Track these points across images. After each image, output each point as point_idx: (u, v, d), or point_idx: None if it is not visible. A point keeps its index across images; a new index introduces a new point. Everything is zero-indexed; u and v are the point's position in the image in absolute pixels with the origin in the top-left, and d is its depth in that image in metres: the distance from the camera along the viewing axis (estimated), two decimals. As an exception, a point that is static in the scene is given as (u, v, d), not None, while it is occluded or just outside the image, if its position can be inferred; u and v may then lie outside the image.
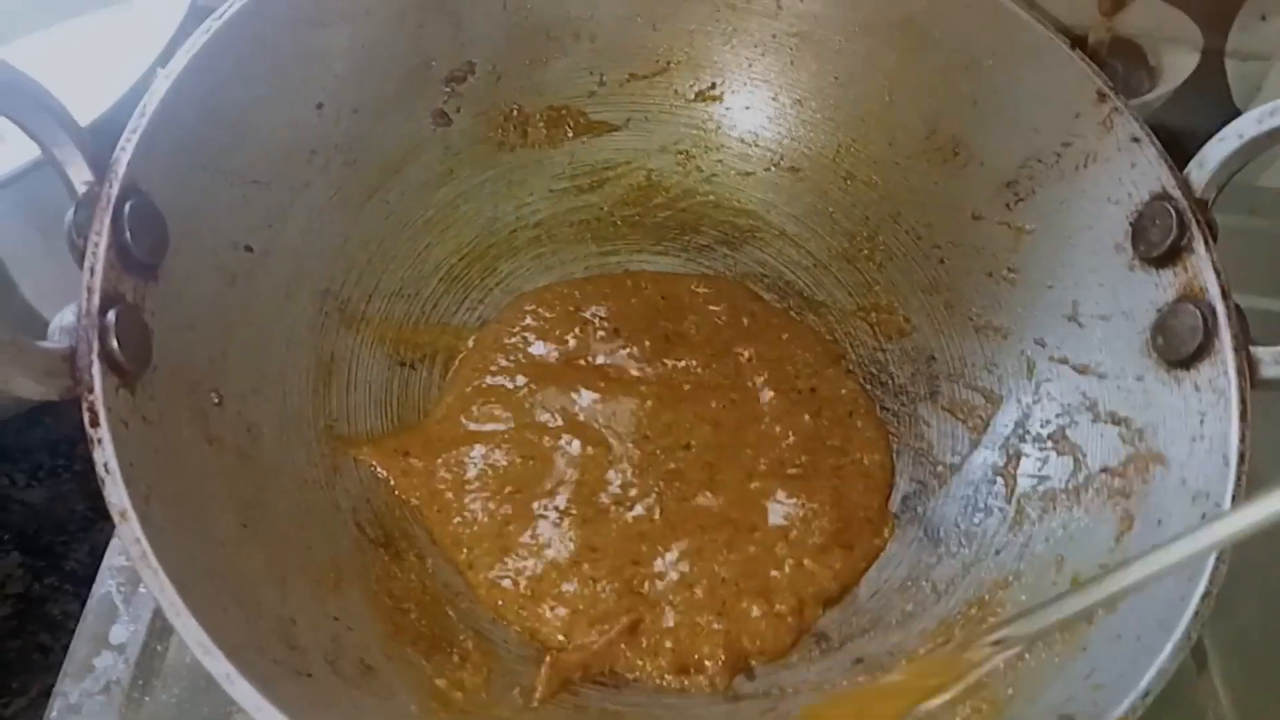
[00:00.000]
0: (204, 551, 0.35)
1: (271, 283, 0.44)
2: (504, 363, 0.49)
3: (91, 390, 0.34)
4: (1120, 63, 0.69)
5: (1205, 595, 0.36)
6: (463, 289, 0.52)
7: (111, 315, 0.35)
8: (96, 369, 0.34)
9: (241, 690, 0.31)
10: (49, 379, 0.34)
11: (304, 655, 0.35)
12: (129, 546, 0.32)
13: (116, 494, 0.32)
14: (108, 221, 0.36)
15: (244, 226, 0.43)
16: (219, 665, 0.31)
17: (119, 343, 0.35)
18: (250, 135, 0.43)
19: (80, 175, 0.37)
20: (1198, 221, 0.42)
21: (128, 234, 0.36)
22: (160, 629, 0.47)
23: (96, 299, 0.35)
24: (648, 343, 0.50)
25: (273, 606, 0.36)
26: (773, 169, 0.54)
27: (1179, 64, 0.67)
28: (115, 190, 0.36)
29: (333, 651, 0.37)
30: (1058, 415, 0.46)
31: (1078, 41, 0.64)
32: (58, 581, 0.60)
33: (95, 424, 0.33)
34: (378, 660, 0.38)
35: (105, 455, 0.33)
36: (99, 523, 0.59)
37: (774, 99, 0.54)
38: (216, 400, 0.40)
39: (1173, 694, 0.40)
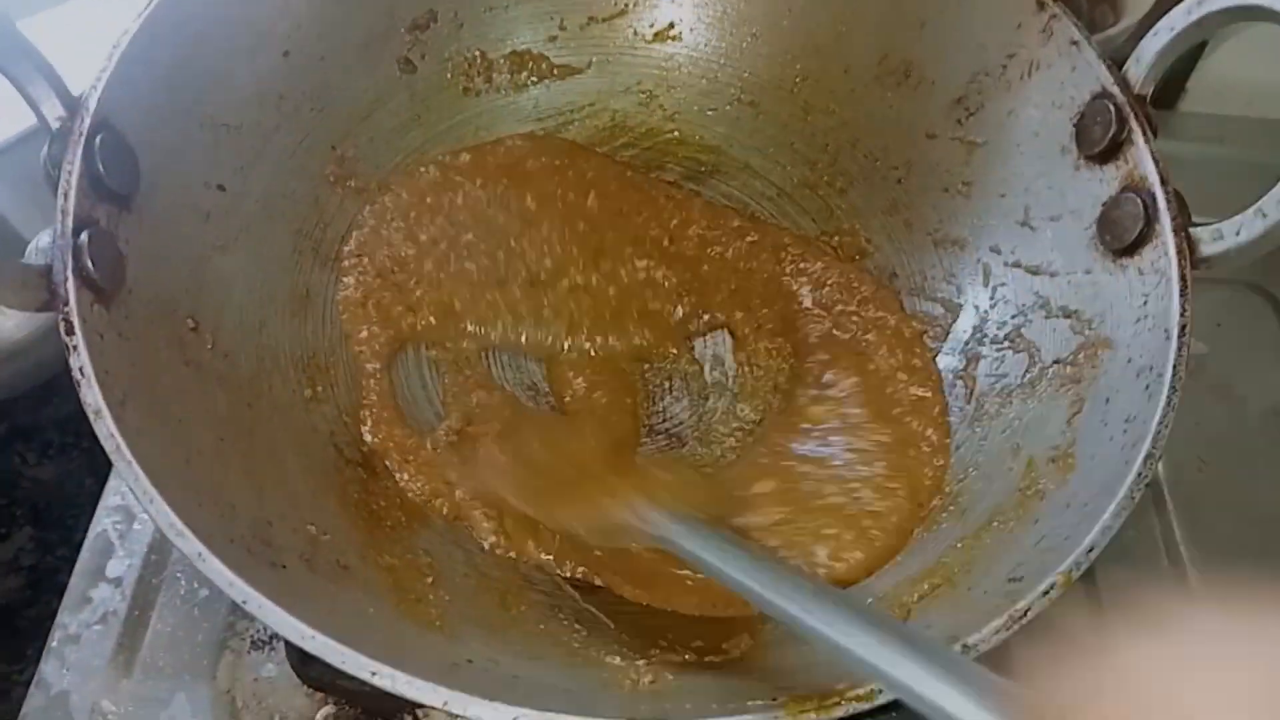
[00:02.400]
0: (180, 455, 0.37)
1: (245, 221, 0.46)
2: None
3: (66, 303, 0.35)
4: (1082, -1, 0.70)
5: (1148, 457, 0.37)
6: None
7: (85, 237, 0.37)
8: (70, 284, 0.36)
9: (213, 568, 0.32)
10: (26, 291, 0.35)
11: (279, 551, 0.37)
12: (104, 442, 0.34)
13: (91, 395, 0.34)
14: (79, 151, 0.38)
15: (216, 167, 0.45)
16: (190, 545, 0.32)
17: (93, 263, 0.37)
18: (219, 80, 0.45)
19: (54, 111, 0.39)
20: (1136, 115, 0.43)
21: (100, 165, 0.38)
22: (155, 563, 0.49)
23: (70, 220, 0.37)
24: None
25: (249, 508, 0.38)
26: (733, 104, 0.56)
27: (1139, -3, 0.68)
28: (87, 124, 0.38)
29: (309, 551, 0.38)
30: (1013, 316, 0.47)
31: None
32: (69, 554, 0.62)
33: (70, 332, 0.35)
34: (354, 562, 0.40)
35: (80, 360, 0.35)
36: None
37: (730, 34, 0.55)
38: (193, 326, 0.41)
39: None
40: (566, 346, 0.50)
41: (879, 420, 0.48)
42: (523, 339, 0.50)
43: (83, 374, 0.34)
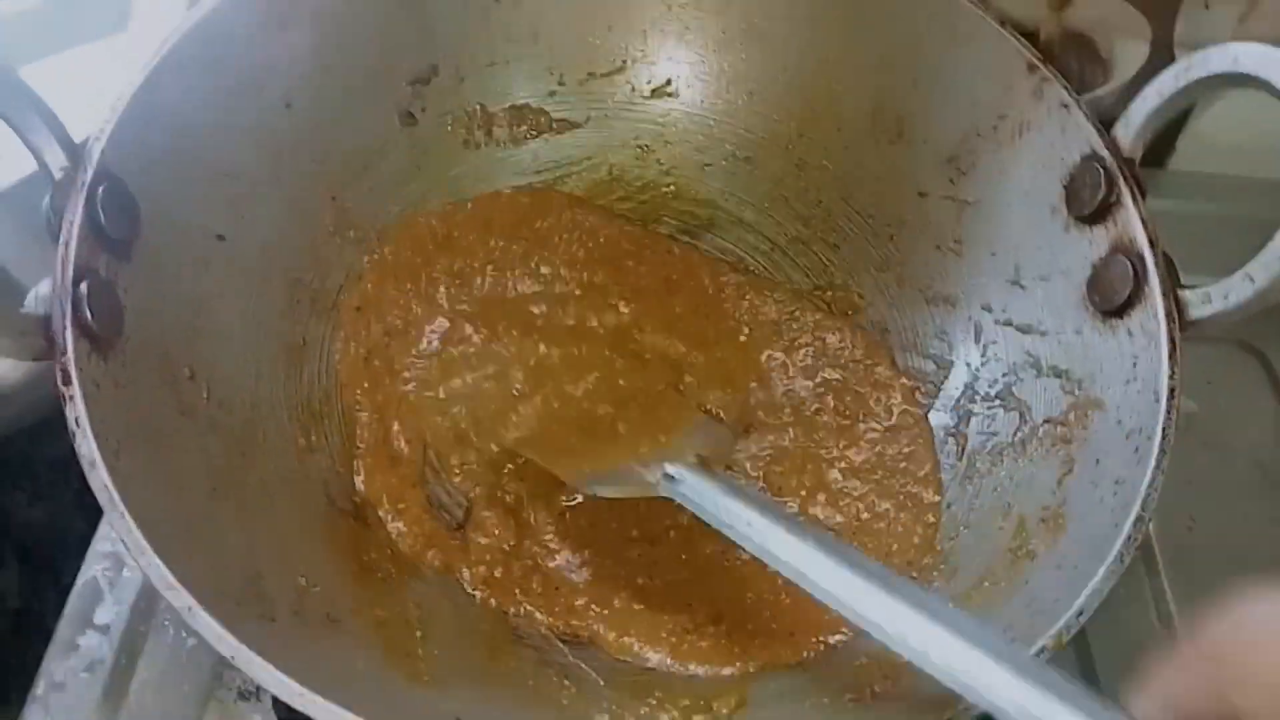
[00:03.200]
0: (172, 506, 0.37)
1: (243, 270, 0.46)
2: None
3: (64, 352, 0.36)
4: (1074, 58, 0.71)
5: (1138, 520, 0.37)
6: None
7: (84, 287, 0.37)
8: (69, 333, 0.36)
9: (202, 621, 0.32)
10: (24, 339, 0.36)
11: (269, 603, 0.37)
12: (98, 493, 0.34)
13: (86, 445, 0.34)
14: (81, 201, 0.38)
15: (216, 216, 0.45)
16: (180, 598, 0.32)
17: (91, 312, 0.37)
18: (222, 130, 0.45)
19: (56, 161, 0.40)
20: (1125, 177, 0.44)
21: (101, 215, 0.38)
22: (143, 610, 0.49)
23: (70, 270, 0.37)
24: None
25: (240, 560, 0.38)
26: (729, 159, 0.56)
27: (1130, 56, 0.69)
28: (89, 175, 0.39)
29: (298, 603, 0.38)
30: (1004, 374, 0.48)
31: (1030, 36, 0.68)
32: (56, 597, 0.61)
33: (67, 382, 0.35)
34: (344, 616, 0.40)
35: (76, 410, 0.35)
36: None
37: (727, 91, 0.56)
38: (189, 375, 0.42)
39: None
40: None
41: (872, 477, 0.48)
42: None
43: (78, 424, 0.34)
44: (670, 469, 0.43)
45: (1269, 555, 0.56)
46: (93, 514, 0.53)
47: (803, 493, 0.48)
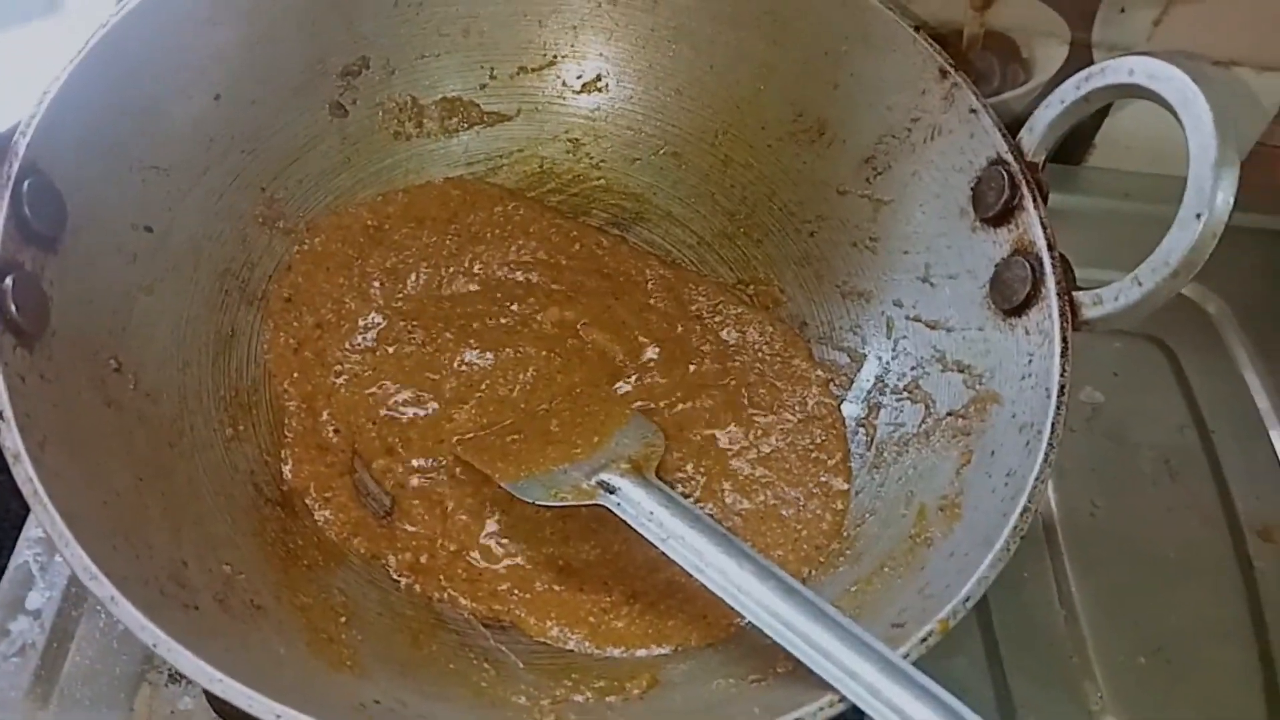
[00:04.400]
0: (97, 497, 0.37)
1: (171, 262, 0.47)
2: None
3: (-12, 347, 0.36)
4: (996, 56, 0.73)
5: (1024, 511, 0.39)
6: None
7: (9, 280, 0.37)
8: (-7, 328, 0.37)
9: (124, 611, 0.33)
10: (-53, 335, 0.36)
11: (193, 591, 0.38)
12: (21, 486, 0.34)
13: (10, 438, 0.35)
14: (7, 195, 0.39)
15: (144, 209, 0.45)
16: (103, 589, 0.33)
17: (16, 307, 0.37)
18: (150, 124, 0.46)
19: (-19, 156, 0.40)
20: (1028, 182, 0.46)
21: (26, 209, 0.39)
22: (75, 595, 0.49)
23: (-6, 265, 0.38)
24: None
25: (165, 550, 0.38)
26: (657, 154, 0.58)
27: (1050, 56, 0.72)
28: (14, 169, 0.39)
29: (222, 591, 0.39)
30: (912, 368, 0.50)
31: (954, 36, 0.69)
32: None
33: (-9, 377, 0.36)
34: (268, 602, 0.41)
35: (1, 404, 0.35)
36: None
37: (655, 88, 0.57)
38: (115, 367, 0.42)
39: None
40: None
41: (784, 465, 0.50)
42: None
43: (3, 418, 0.35)
44: (606, 476, 0.45)
45: (1167, 542, 0.59)
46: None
47: (713, 480, 0.50)
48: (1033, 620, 0.55)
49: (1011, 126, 0.47)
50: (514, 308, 0.53)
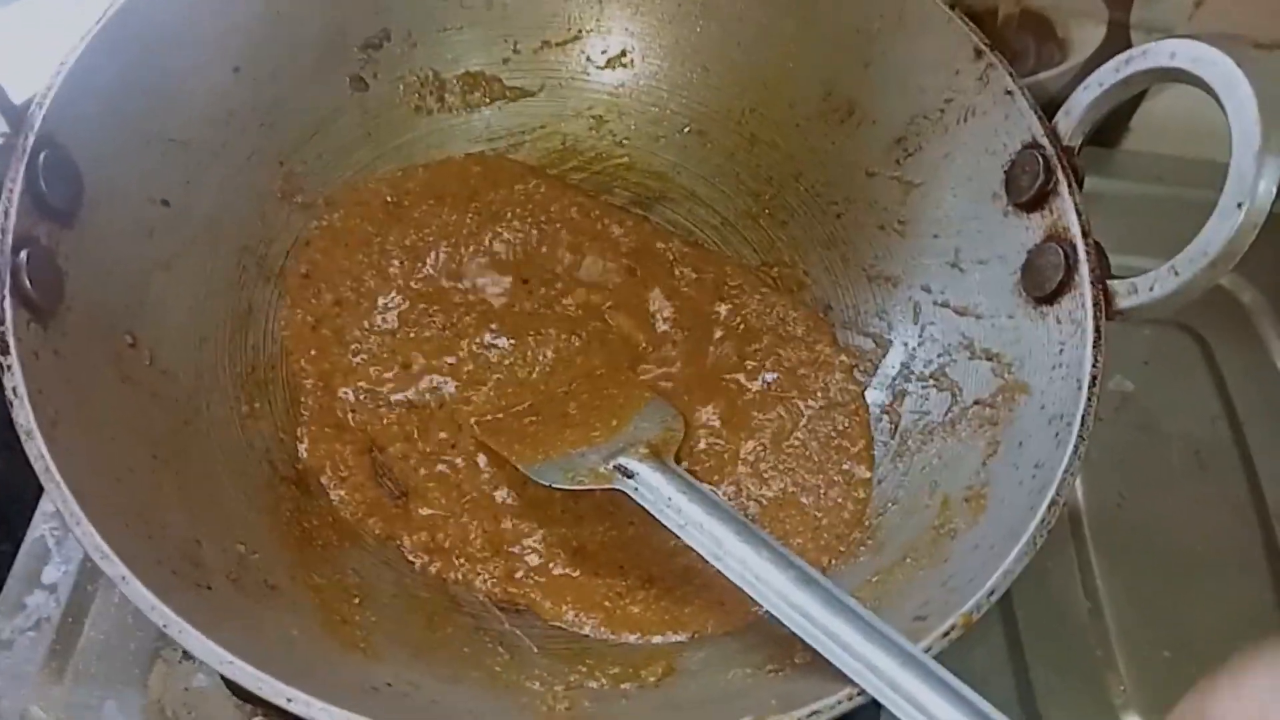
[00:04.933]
0: (111, 474, 0.37)
1: (189, 237, 0.46)
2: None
3: (1, 321, 0.36)
4: (1031, 36, 0.72)
5: (1052, 504, 0.38)
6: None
7: (24, 255, 0.37)
8: (7, 302, 0.36)
9: (135, 591, 0.33)
10: (-40, 310, 0.36)
11: (206, 571, 0.37)
12: (34, 463, 0.34)
13: (23, 415, 0.35)
14: (22, 168, 0.38)
15: (162, 182, 0.45)
16: (114, 568, 0.33)
17: (30, 281, 0.37)
18: (168, 96, 0.45)
19: (-3, 127, 0.40)
20: (1063, 167, 0.45)
21: (42, 182, 0.39)
22: (91, 570, 0.49)
23: (9, 239, 0.37)
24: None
25: (179, 528, 0.38)
26: (681, 133, 0.57)
27: (1086, 37, 0.70)
28: (30, 141, 0.39)
29: (236, 570, 0.39)
30: (939, 355, 0.49)
31: (988, 15, 0.68)
32: (11, 550, 0.62)
33: (5, 351, 0.35)
34: (282, 581, 0.40)
35: (14, 380, 0.35)
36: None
37: (681, 65, 0.56)
38: (131, 343, 0.42)
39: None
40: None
41: (805, 452, 0.49)
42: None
43: (15, 394, 0.35)
44: (624, 461, 0.44)
45: (1196, 535, 0.57)
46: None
47: (735, 465, 0.49)
48: (1056, 612, 0.54)
49: (1046, 108, 0.46)
50: (538, 290, 0.52)
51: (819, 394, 0.51)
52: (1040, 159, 0.45)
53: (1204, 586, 0.56)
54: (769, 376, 0.51)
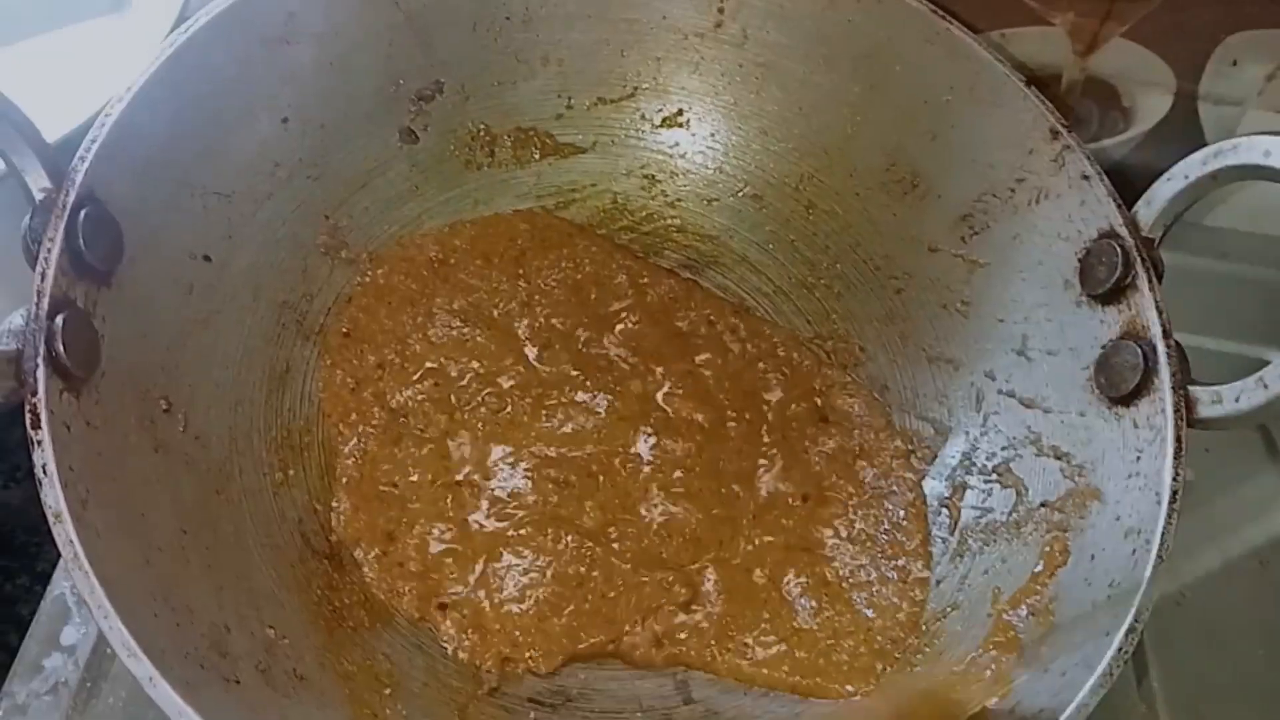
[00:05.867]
0: (140, 556, 0.35)
1: (229, 293, 0.45)
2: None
3: (35, 393, 0.34)
4: (1095, 103, 0.70)
5: (1129, 631, 0.36)
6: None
7: (59, 320, 0.35)
8: (41, 372, 0.34)
9: (162, 694, 0.31)
10: (-6, 380, 0.34)
11: (234, 662, 0.36)
12: (62, 549, 0.33)
13: (53, 496, 0.33)
14: (61, 228, 0.37)
15: (203, 237, 0.44)
16: (142, 668, 0.31)
17: (65, 347, 0.35)
18: (213, 148, 0.44)
19: (38, 182, 0.38)
20: (1143, 260, 0.43)
21: (81, 240, 0.37)
22: (110, 632, 0.48)
23: (45, 303, 0.35)
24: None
25: (207, 613, 0.36)
26: (736, 196, 0.55)
27: (1153, 106, 0.68)
28: (71, 198, 0.37)
29: (265, 660, 0.37)
30: (1003, 448, 0.47)
31: (1052, 81, 0.66)
32: (29, 582, 0.60)
33: (36, 426, 0.34)
34: (311, 671, 0.39)
35: (44, 458, 0.33)
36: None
37: (739, 127, 0.54)
38: (165, 408, 0.40)
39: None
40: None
41: (858, 543, 0.47)
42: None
43: (45, 473, 0.33)
44: None
45: (1257, 636, 0.55)
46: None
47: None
48: (1110, 713, 0.52)
49: (1109, 175, 0.45)
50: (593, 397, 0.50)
51: (873, 479, 0.49)
52: (1119, 249, 0.43)
53: (1264, 691, 0.54)
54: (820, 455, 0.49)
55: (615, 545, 0.46)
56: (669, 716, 0.42)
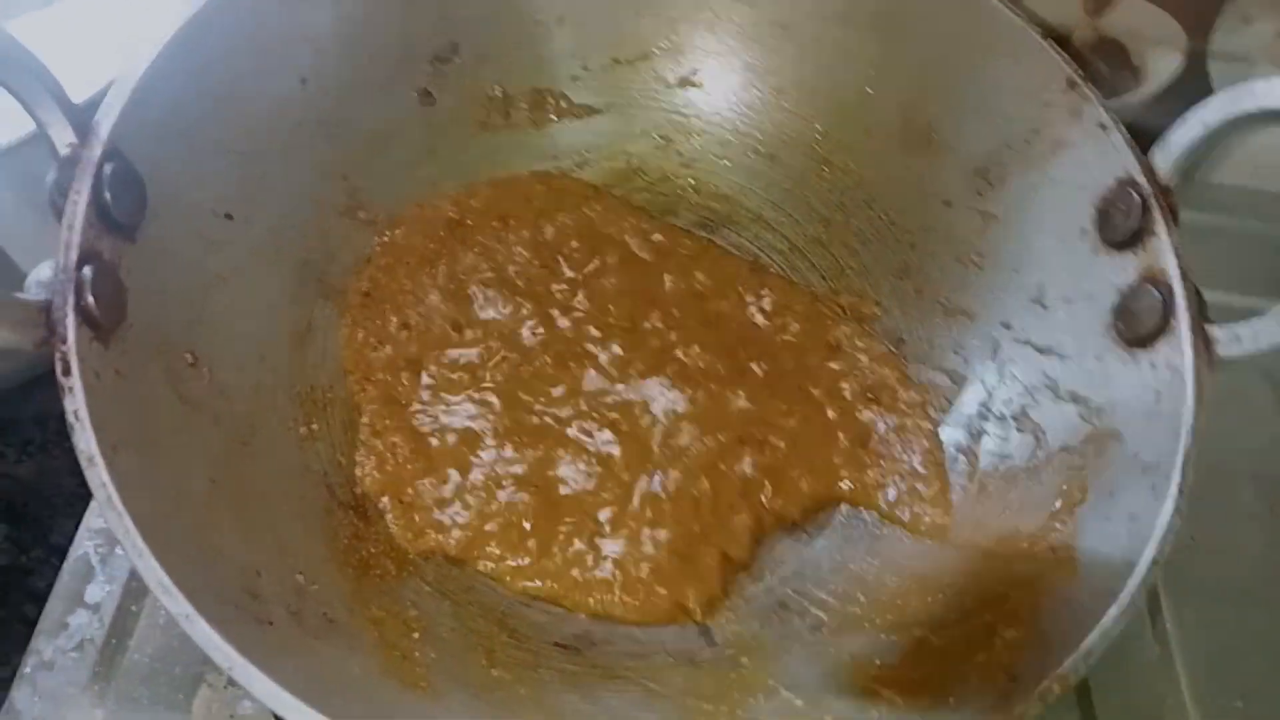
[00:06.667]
0: (171, 501, 0.36)
1: (251, 250, 0.45)
2: None
3: (65, 341, 0.34)
4: (1105, 62, 0.70)
5: (1153, 563, 0.36)
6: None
7: (88, 271, 0.36)
8: (70, 321, 0.35)
9: (199, 630, 0.31)
10: (25, 329, 0.35)
11: (266, 604, 0.36)
12: (96, 491, 0.33)
13: (85, 440, 0.33)
14: (88, 181, 0.37)
15: (225, 195, 0.44)
16: (178, 605, 0.32)
17: (94, 298, 0.36)
18: (234, 107, 0.44)
19: (64, 137, 0.38)
20: (1160, 206, 0.43)
21: (107, 195, 0.37)
22: (135, 589, 0.48)
23: (74, 254, 0.36)
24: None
25: (238, 557, 0.37)
26: (751, 155, 0.55)
27: (1163, 65, 0.68)
28: (97, 152, 0.37)
29: (296, 603, 0.37)
30: (1020, 395, 0.47)
31: (1062, 40, 0.66)
32: (43, 554, 0.61)
33: (67, 373, 0.34)
34: (341, 615, 0.39)
35: (75, 403, 0.34)
36: (86, 497, 0.60)
37: (754, 86, 0.55)
38: (191, 361, 0.41)
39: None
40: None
41: (875, 491, 0.47)
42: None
43: (77, 418, 0.33)
44: None
45: (1269, 579, 0.55)
46: (81, 471, 0.52)
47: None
48: (1125, 656, 0.52)
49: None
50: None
51: (885, 431, 0.49)
52: (1137, 197, 0.43)
53: (1274, 635, 0.54)
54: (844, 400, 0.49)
55: (637, 497, 0.46)
56: (693, 659, 0.43)
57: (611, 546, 0.44)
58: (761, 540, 0.47)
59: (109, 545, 0.49)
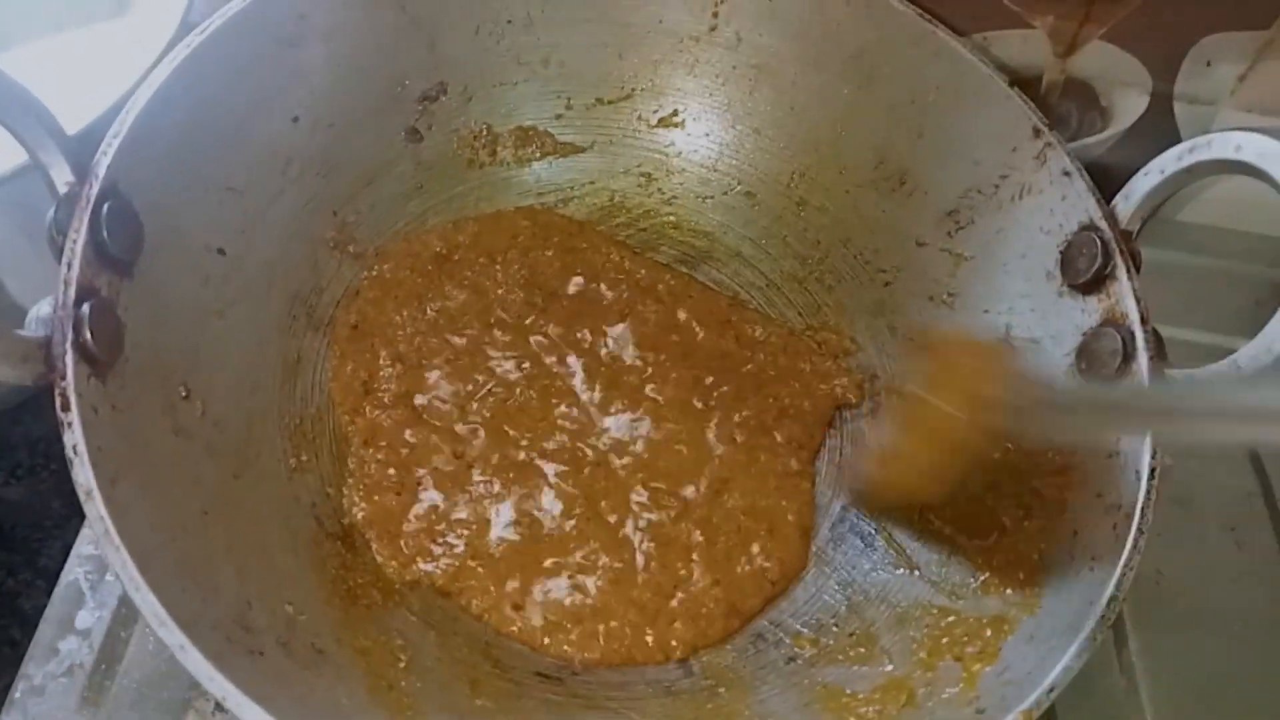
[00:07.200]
0: (166, 534, 0.37)
1: (243, 285, 0.46)
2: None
3: (64, 377, 0.35)
4: (1074, 104, 0.72)
5: (1111, 600, 0.38)
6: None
7: (86, 308, 0.37)
8: (69, 357, 0.36)
9: (194, 660, 0.32)
10: (24, 365, 0.35)
11: (257, 636, 0.37)
12: (93, 524, 0.34)
13: (84, 474, 0.34)
14: (86, 219, 0.38)
15: (218, 231, 0.45)
16: (173, 636, 0.33)
17: (92, 334, 0.37)
18: (228, 145, 0.45)
19: (62, 176, 0.39)
20: (1121, 251, 0.45)
21: (105, 232, 0.38)
22: (125, 616, 0.49)
23: (72, 291, 0.37)
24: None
25: (230, 589, 0.38)
26: (730, 193, 0.57)
27: (1130, 106, 0.70)
28: (95, 191, 0.38)
29: (285, 634, 0.38)
30: (989, 432, 0.49)
31: (1032, 82, 0.68)
32: (31, 577, 0.61)
33: (66, 409, 0.35)
34: (329, 646, 0.40)
35: (74, 438, 0.35)
36: (74, 520, 0.60)
37: (733, 126, 0.56)
38: (185, 394, 0.42)
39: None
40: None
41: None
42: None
43: (76, 452, 0.34)
44: None
45: (1233, 612, 0.57)
46: (72, 495, 0.53)
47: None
48: (1091, 686, 0.54)
49: (1089, 173, 0.47)
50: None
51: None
52: (1098, 241, 0.45)
53: (1242, 664, 0.55)
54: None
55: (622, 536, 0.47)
56: (670, 689, 0.44)
57: (593, 584, 0.46)
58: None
59: (99, 572, 0.50)
